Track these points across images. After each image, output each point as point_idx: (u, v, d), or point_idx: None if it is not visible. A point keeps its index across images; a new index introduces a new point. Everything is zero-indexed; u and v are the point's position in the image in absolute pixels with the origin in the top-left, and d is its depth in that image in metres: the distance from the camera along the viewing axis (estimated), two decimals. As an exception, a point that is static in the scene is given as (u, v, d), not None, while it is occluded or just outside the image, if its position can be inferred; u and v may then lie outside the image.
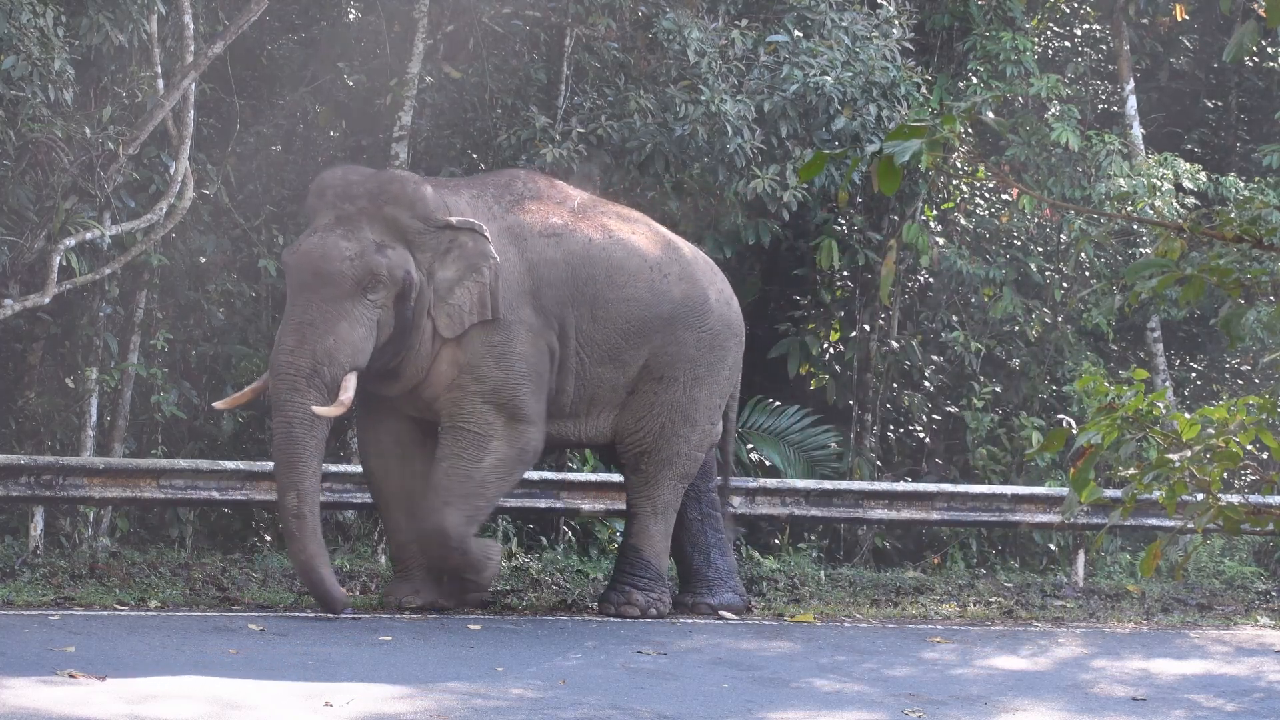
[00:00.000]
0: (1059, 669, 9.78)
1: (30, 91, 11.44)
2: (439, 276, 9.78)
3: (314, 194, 9.96)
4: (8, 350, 12.83)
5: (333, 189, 9.87)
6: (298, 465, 9.65)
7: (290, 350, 9.62)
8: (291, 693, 7.64)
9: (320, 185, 9.98)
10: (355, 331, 9.61)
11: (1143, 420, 5.19)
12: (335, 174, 10.09)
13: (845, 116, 13.09)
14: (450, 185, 10.41)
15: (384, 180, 9.98)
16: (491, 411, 9.84)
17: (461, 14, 13.76)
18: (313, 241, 9.72)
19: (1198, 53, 17.48)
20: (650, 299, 10.45)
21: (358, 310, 9.61)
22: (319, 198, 9.88)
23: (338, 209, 9.78)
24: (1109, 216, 14.71)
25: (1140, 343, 15.77)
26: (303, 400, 9.55)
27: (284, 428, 9.66)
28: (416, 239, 9.80)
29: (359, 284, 9.62)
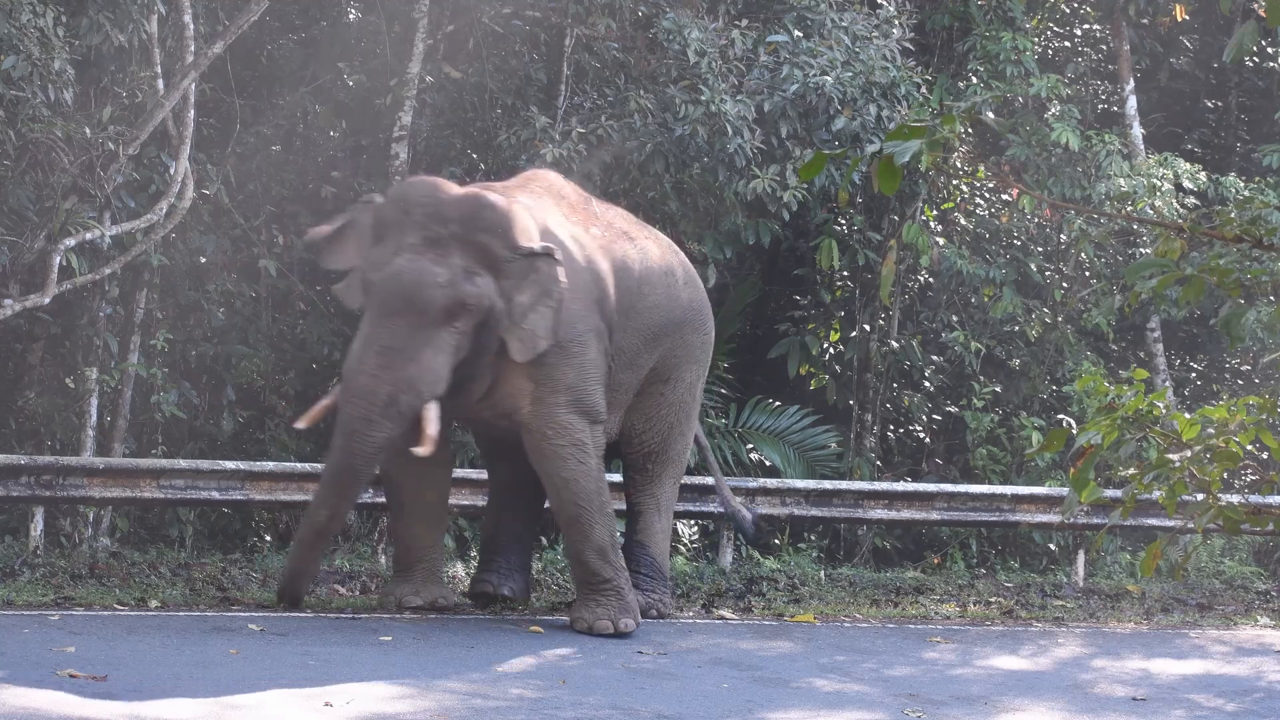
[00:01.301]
0: (1059, 669, 9.78)
1: (30, 91, 11.44)
2: (515, 300, 9.53)
3: (396, 207, 9.54)
4: (8, 350, 12.83)
5: (421, 208, 9.47)
6: (345, 493, 9.55)
7: (371, 374, 9.29)
8: (291, 693, 7.65)
9: (405, 200, 9.57)
10: (437, 359, 9.34)
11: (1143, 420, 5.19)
12: (421, 190, 9.65)
13: (845, 116, 13.09)
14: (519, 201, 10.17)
15: (477, 206, 9.58)
16: (578, 419, 9.81)
17: (461, 14, 13.76)
18: (402, 263, 9.37)
19: (1198, 53, 17.48)
20: (667, 305, 10.55)
21: (442, 337, 9.34)
22: (404, 213, 9.47)
23: (427, 230, 9.42)
24: (1109, 216, 14.71)
25: (1140, 343, 15.77)
26: (374, 434, 9.31)
27: (346, 456, 9.37)
28: (503, 267, 9.51)
29: (448, 312, 9.34)
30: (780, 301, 15.39)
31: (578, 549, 9.87)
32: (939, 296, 15.21)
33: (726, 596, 11.61)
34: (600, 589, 9.83)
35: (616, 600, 9.82)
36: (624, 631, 9.67)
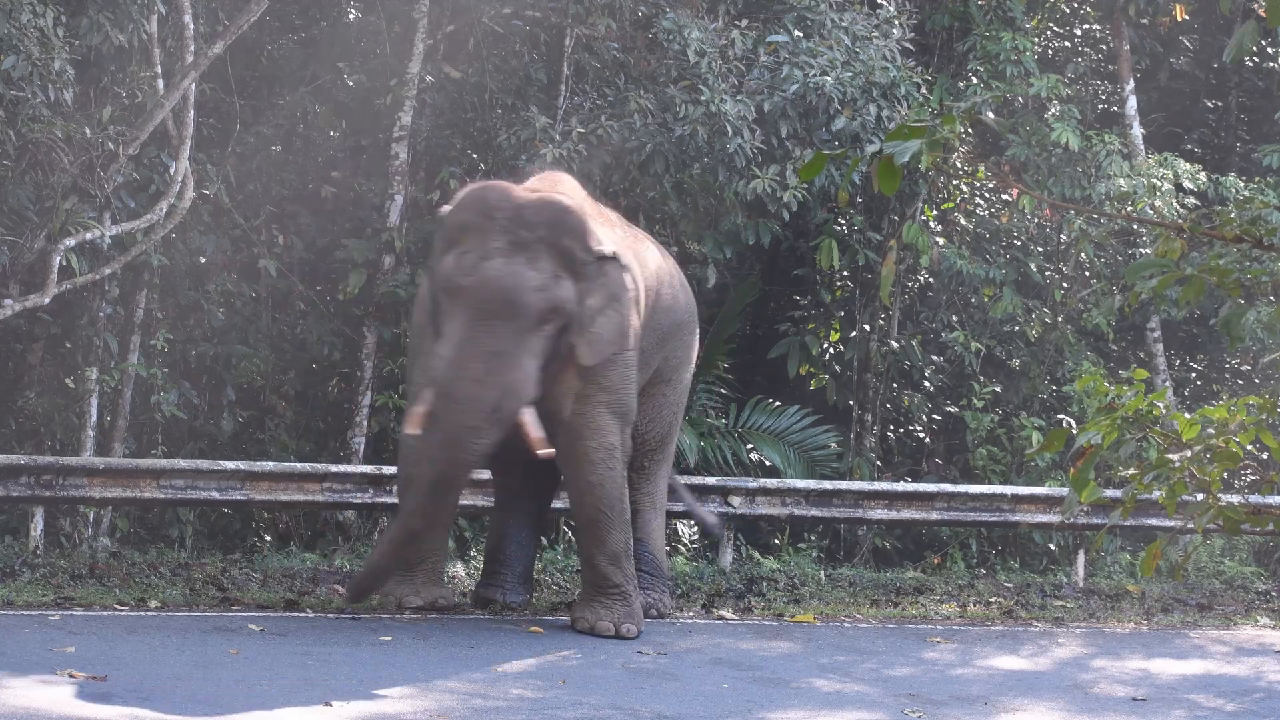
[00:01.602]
0: (1059, 669, 9.78)
1: (30, 91, 11.44)
2: (586, 304, 9.52)
3: (474, 212, 9.42)
4: (8, 350, 12.83)
5: (504, 212, 9.37)
6: (444, 501, 9.50)
7: (479, 380, 9.13)
8: (291, 693, 7.65)
9: (484, 204, 9.45)
10: (533, 364, 9.30)
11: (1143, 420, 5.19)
12: (499, 195, 9.54)
13: (845, 116, 13.09)
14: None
15: (559, 210, 9.53)
16: (614, 420, 9.82)
17: (461, 14, 13.76)
18: (497, 267, 9.26)
19: (1198, 53, 17.48)
20: (672, 307, 10.64)
21: (535, 342, 9.30)
22: (486, 218, 9.36)
23: (513, 234, 9.33)
24: (1109, 216, 14.70)
25: (1140, 343, 15.77)
26: (479, 441, 9.19)
27: (449, 464, 9.21)
28: (582, 270, 9.48)
29: (542, 316, 9.30)
30: (780, 301, 15.39)
31: (592, 552, 9.86)
32: (939, 296, 15.21)
33: (726, 596, 11.61)
34: (608, 592, 9.83)
35: (622, 605, 9.82)
36: (625, 636, 9.66)
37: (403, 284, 13.07)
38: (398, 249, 13.25)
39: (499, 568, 10.60)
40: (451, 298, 9.30)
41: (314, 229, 13.76)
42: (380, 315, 13.28)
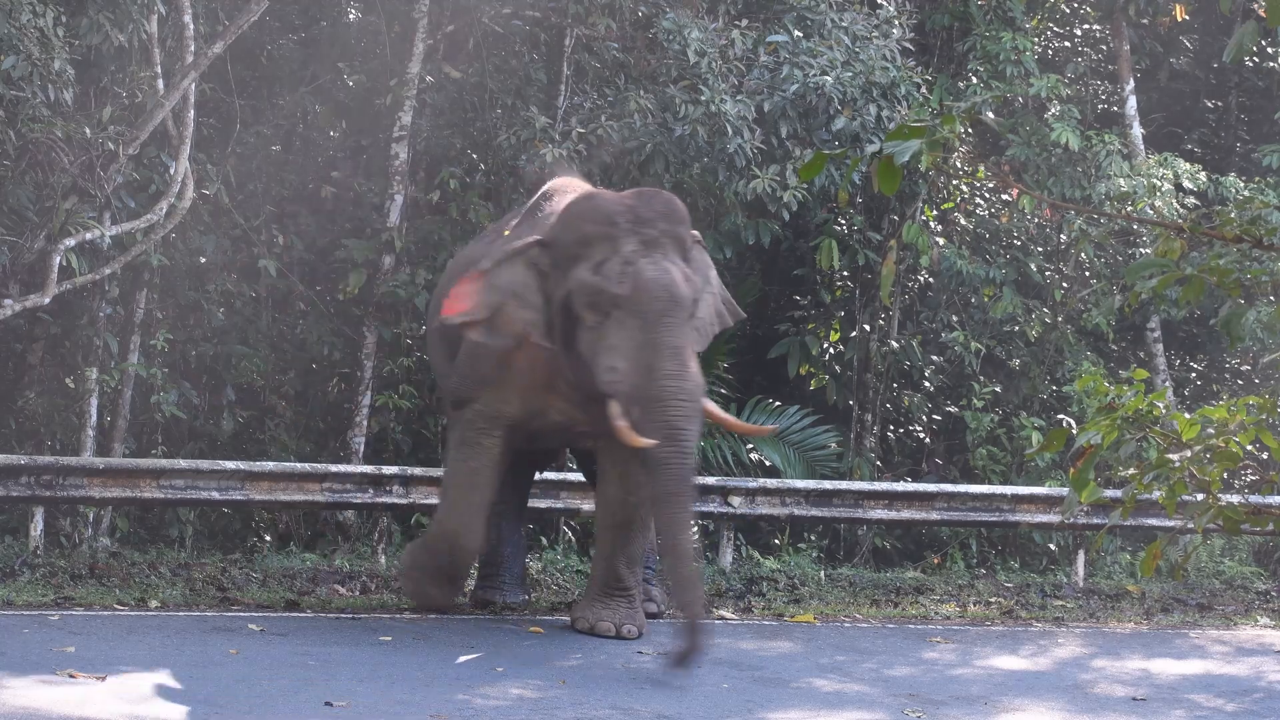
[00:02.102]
0: (1059, 669, 9.78)
1: (30, 91, 11.44)
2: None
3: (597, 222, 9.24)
4: (8, 350, 12.83)
5: (623, 216, 9.23)
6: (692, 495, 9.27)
7: (684, 378, 9.02)
8: (291, 693, 7.65)
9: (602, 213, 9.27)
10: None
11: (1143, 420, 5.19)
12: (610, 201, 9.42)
13: (845, 116, 13.09)
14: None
15: (668, 201, 9.48)
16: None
17: (461, 14, 13.76)
18: (647, 269, 9.09)
19: (1198, 53, 17.48)
20: None
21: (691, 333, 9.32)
22: (610, 224, 9.20)
23: (640, 234, 9.21)
24: (1109, 216, 14.70)
25: (1140, 343, 15.77)
26: (695, 437, 9.20)
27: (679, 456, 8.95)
28: (689, 256, 9.47)
29: (692, 307, 9.33)
30: (780, 301, 15.39)
31: (612, 552, 9.82)
32: (939, 296, 15.21)
33: (726, 596, 11.61)
34: (614, 593, 9.81)
35: (626, 606, 9.81)
36: (625, 636, 9.66)
37: (403, 284, 13.07)
38: (398, 249, 13.25)
39: (496, 569, 10.59)
40: (610, 308, 9.08)
41: (314, 229, 13.77)
42: (380, 315, 13.28)
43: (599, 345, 9.08)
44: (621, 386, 8.98)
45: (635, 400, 8.95)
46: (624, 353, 9.01)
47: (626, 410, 8.94)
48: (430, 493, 11.68)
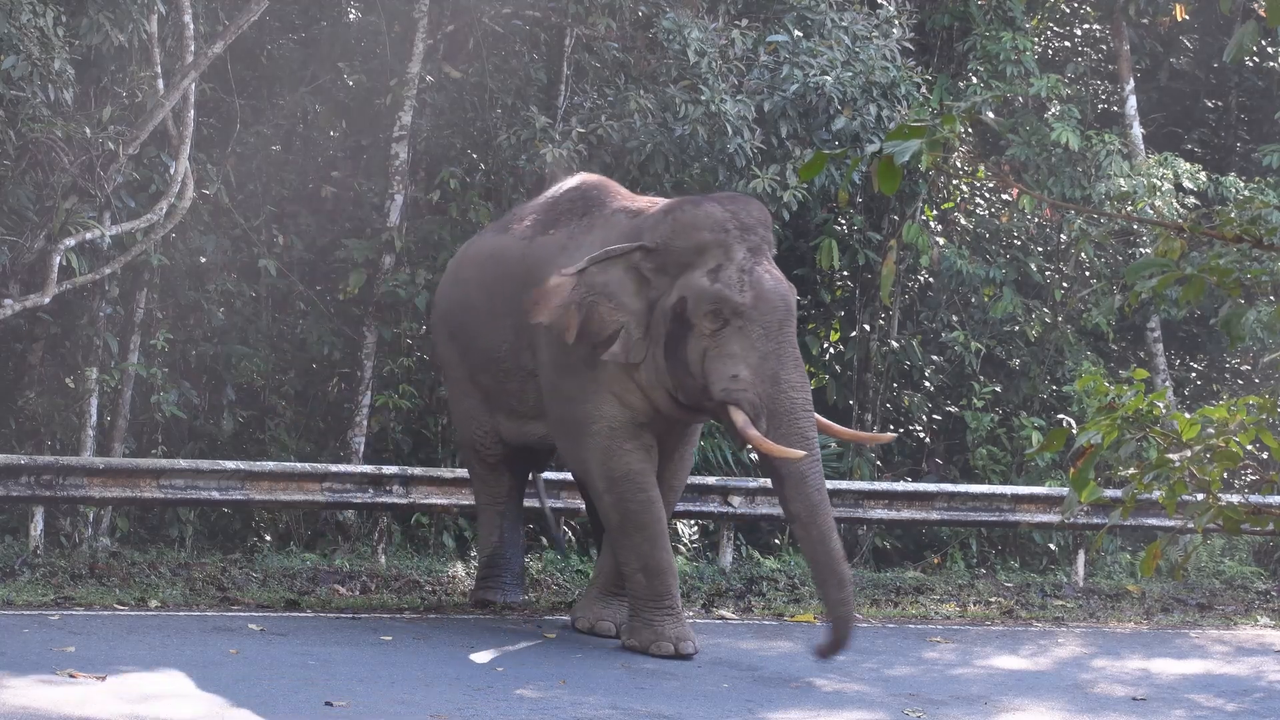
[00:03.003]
0: (1059, 669, 9.78)
1: (30, 91, 11.44)
2: None
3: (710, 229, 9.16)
4: (8, 350, 12.83)
5: (732, 222, 9.20)
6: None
7: (800, 388, 9.05)
8: (291, 693, 7.65)
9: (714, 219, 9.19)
10: None
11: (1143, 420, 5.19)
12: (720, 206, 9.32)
13: (845, 116, 13.09)
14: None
15: (761, 208, 9.50)
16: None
17: (461, 14, 13.76)
18: (771, 276, 9.13)
19: (1198, 53, 17.48)
20: None
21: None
22: (722, 231, 9.16)
23: (747, 241, 9.20)
24: (1109, 216, 14.71)
25: (1140, 343, 15.77)
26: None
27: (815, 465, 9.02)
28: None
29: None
30: (780, 301, 15.36)
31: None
32: (939, 296, 15.21)
33: (726, 596, 11.61)
34: (616, 593, 9.80)
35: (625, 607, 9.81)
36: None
37: (403, 284, 13.07)
38: (398, 249, 13.25)
39: (502, 571, 10.57)
40: (731, 316, 9.03)
41: (314, 229, 13.77)
42: (380, 315, 13.28)
43: (716, 353, 9.04)
44: (747, 395, 8.96)
45: (762, 410, 8.96)
46: (747, 362, 8.99)
47: (754, 419, 8.94)
48: (430, 492, 11.69)
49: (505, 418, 10.17)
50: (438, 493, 11.75)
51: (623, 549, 9.44)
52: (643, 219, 9.48)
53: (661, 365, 9.19)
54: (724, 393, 8.99)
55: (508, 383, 9.99)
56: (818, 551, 8.94)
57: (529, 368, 9.80)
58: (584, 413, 9.41)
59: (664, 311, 9.16)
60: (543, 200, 10.26)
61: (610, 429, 9.37)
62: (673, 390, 9.25)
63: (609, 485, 9.38)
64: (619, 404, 9.38)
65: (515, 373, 9.91)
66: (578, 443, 9.50)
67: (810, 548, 9.00)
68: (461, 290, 10.27)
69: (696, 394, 9.15)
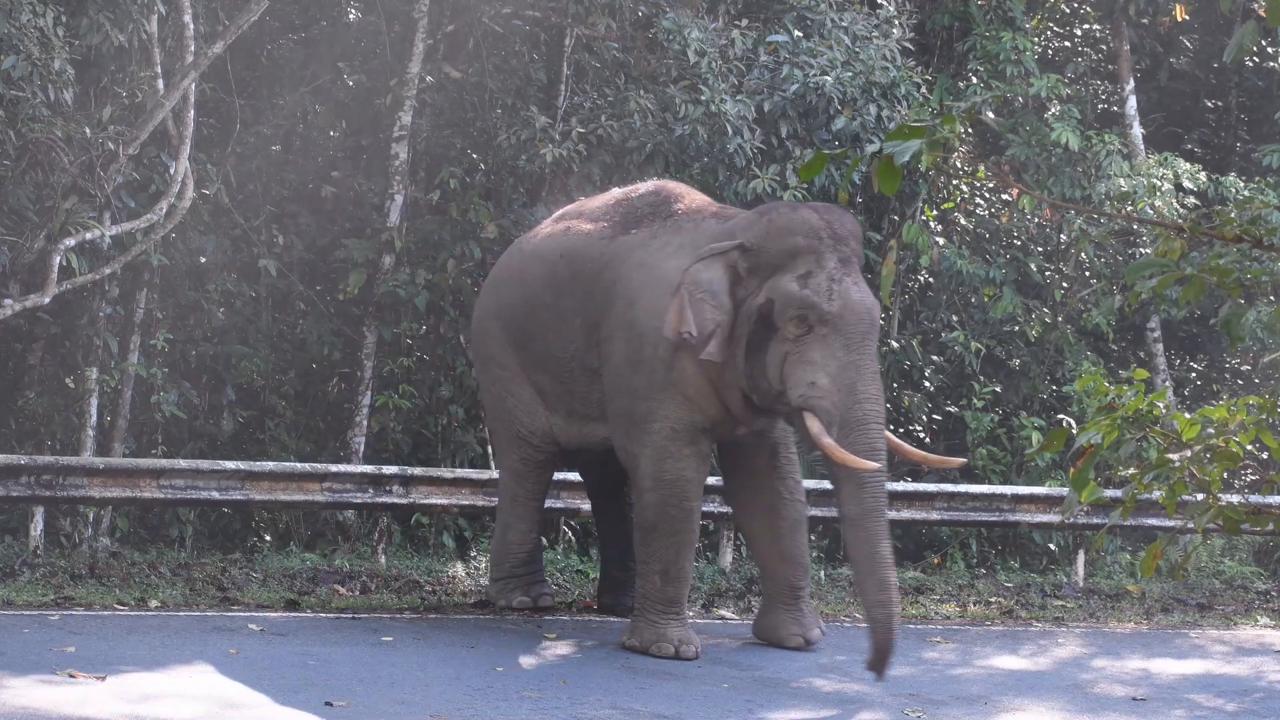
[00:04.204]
0: (1059, 669, 9.78)
1: (30, 91, 11.45)
2: None
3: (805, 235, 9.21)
4: (8, 350, 12.83)
5: (826, 230, 9.26)
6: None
7: (877, 401, 9.14)
8: (291, 693, 7.65)
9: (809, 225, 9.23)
10: None
11: (1143, 420, 5.19)
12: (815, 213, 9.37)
13: (845, 116, 13.09)
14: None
15: (852, 220, 9.57)
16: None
17: (461, 14, 13.77)
18: (850, 289, 9.18)
19: (1198, 53, 17.48)
20: None
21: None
22: (816, 239, 9.22)
23: (839, 252, 9.29)
24: (1109, 216, 14.71)
25: (1140, 343, 15.77)
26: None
27: (881, 475, 9.04)
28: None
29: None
30: (780, 301, 15.36)
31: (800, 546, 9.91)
32: (939, 296, 15.21)
33: (726, 596, 11.61)
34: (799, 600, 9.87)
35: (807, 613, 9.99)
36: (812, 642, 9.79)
37: (403, 284, 13.07)
38: (398, 249, 13.25)
39: (536, 569, 10.55)
40: (817, 323, 9.10)
41: (314, 229, 13.77)
42: (380, 315, 13.28)
43: (797, 359, 9.08)
44: (824, 403, 9.00)
45: (836, 419, 8.99)
46: (826, 370, 9.03)
47: (828, 427, 8.97)
48: (430, 492, 11.68)
49: (564, 419, 10.11)
50: (438, 493, 11.74)
51: (648, 549, 9.44)
52: (735, 221, 9.52)
53: (740, 365, 9.23)
54: (801, 398, 9.04)
55: (572, 383, 9.94)
56: (863, 552, 8.96)
57: (595, 367, 9.77)
58: (648, 410, 9.40)
59: (750, 312, 9.21)
60: (608, 202, 10.19)
61: (672, 430, 9.38)
62: (748, 390, 9.29)
63: (656, 485, 9.38)
64: (687, 406, 9.38)
65: (581, 373, 9.87)
66: (634, 439, 9.48)
67: (856, 548, 9.04)
68: (527, 289, 10.15)
69: (770, 396, 9.21)
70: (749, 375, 9.21)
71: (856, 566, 9.12)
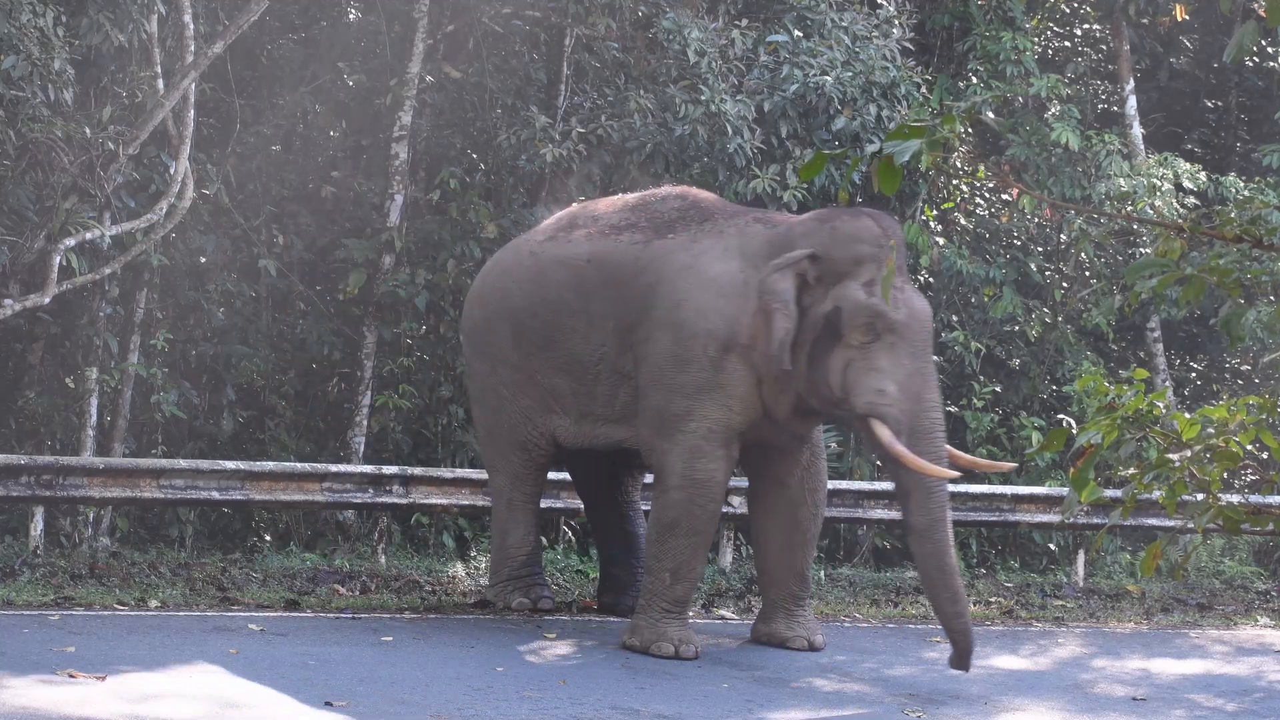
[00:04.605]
0: (1059, 669, 9.78)
1: (30, 91, 11.45)
2: None
3: (868, 242, 9.28)
4: (8, 350, 12.84)
5: (885, 239, 9.33)
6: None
7: (941, 407, 9.38)
8: (291, 693, 7.65)
9: (872, 233, 9.25)
10: None
11: (1143, 420, 5.19)
12: (877, 220, 9.47)
13: (845, 116, 13.09)
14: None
15: (899, 226, 9.72)
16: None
17: (461, 14, 13.77)
18: (912, 297, 9.38)
19: (1198, 53, 17.48)
20: None
21: None
22: (878, 247, 9.29)
23: (906, 263, 9.58)
24: (1109, 216, 14.71)
25: (1140, 343, 15.77)
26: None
27: (944, 483, 9.18)
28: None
29: None
30: (780, 301, 15.35)
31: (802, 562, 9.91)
32: (939, 296, 15.20)
33: (726, 596, 11.61)
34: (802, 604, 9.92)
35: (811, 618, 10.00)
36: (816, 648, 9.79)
37: (403, 284, 13.07)
38: (398, 249, 13.26)
39: (537, 570, 10.54)
40: (884, 331, 9.18)
41: (314, 229, 13.77)
42: (380, 315, 13.29)
43: (864, 366, 9.14)
44: (892, 410, 9.07)
45: (904, 426, 9.07)
46: (894, 377, 9.11)
47: (896, 435, 9.04)
48: (430, 492, 11.68)
49: (575, 421, 10.02)
50: (438, 493, 11.74)
51: (663, 546, 9.43)
52: (790, 227, 9.56)
53: (802, 371, 9.26)
54: (869, 406, 9.09)
55: (596, 386, 9.86)
56: (932, 565, 9.05)
57: (624, 370, 9.72)
58: (687, 408, 9.38)
59: (816, 319, 9.25)
60: (625, 206, 10.12)
61: (709, 430, 9.37)
62: (806, 395, 9.32)
63: (684, 483, 9.37)
64: (728, 408, 9.39)
65: (608, 376, 9.79)
66: (667, 435, 9.45)
67: (925, 561, 9.10)
68: (547, 292, 10.02)
69: (830, 402, 9.27)
70: (809, 381, 9.26)
71: (928, 579, 9.18)
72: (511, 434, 10.27)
